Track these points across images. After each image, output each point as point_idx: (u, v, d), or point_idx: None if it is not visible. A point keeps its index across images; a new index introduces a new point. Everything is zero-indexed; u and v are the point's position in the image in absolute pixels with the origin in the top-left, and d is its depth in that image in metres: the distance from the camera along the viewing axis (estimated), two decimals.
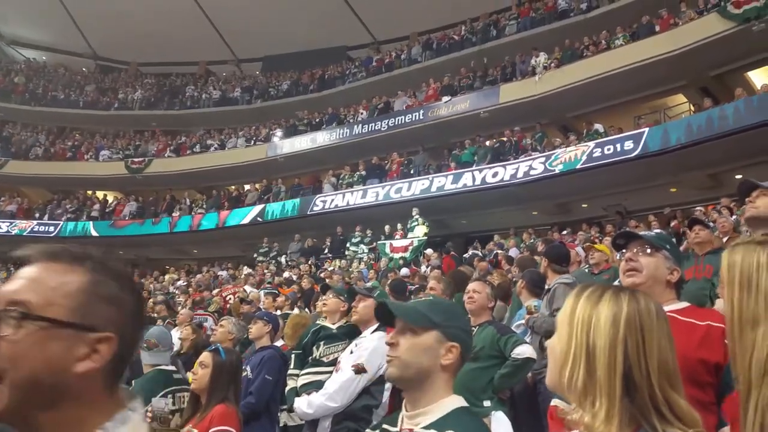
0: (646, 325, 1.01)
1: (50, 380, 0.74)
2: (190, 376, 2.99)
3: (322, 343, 3.79)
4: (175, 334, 5.37)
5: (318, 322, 4.21)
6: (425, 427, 1.35)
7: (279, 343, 4.63)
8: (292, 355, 4.07)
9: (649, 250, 1.93)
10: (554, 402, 2.34)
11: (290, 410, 3.72)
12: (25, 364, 0.73)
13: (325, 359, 3.68)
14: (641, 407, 0.96)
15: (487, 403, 3.18)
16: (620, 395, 0.96)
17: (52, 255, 0.80)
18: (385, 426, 1.48)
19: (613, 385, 0.97)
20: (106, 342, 0.78)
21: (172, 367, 3.36)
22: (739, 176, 12.57)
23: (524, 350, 3.21)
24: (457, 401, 1.41)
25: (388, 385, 3.12)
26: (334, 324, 3.90)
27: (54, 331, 0.74)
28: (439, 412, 1.36)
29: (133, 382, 3.23)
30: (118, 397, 0.82)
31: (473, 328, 3.47)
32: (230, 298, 9.93)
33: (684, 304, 1.89)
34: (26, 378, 0.73)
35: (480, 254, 10.45)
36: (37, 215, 21.30)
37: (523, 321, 4.25)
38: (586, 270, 5.66)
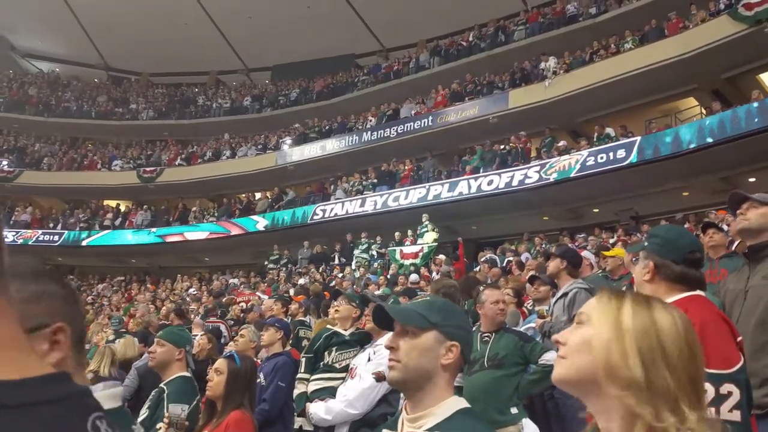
0: (694, 338, 1.04)
1: None
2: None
3: (334, 348, 3.79)
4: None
5: (329, 327, 4.21)
6: (428, 430, 1.33)
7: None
8: (303, 359, 4.07)
9: (635, 259, 1.96)
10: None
11: (300, 415, 3.72)
12: None
13: (337, 365, 3.68)
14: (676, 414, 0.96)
15: (514, 410, 3.20)
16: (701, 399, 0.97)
17: None
18: (385, 430, 1.45)
19: (700, 391, 0.98)
20: (61, 332, 0.87)
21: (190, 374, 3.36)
22: (752, 179, 12.48)
23: (552, 356, 3.22)
24: (460, 403, 1.39)
25: None
26: (346, 330, 3.90)
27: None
28: (442, 414, 1.35)
29: (164, 387, 3.18)
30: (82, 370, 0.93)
31: (488, 335, 3.47)
32: (243, 306, 9.96)
33: (672, 299, 1.81)
34: None
35: (496, 260, 10.38)
36: (51, 225, 21.52)
37: (533, 324, 4.23)
38: (600, 275, 5.62)
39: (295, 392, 3.85)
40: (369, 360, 3.24)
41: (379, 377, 3.05)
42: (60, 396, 0.53)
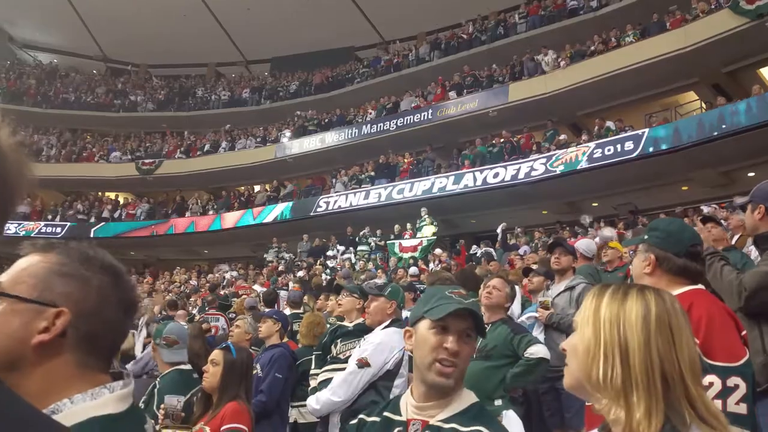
0: (674, 322, 1.02)
1: (9, 348, 0.81)
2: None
3: (339, 340, 3.79)
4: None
5: (337, 322, 4.21)
6: (443, 420, 1.33)
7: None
8: (313, 356, 4.07)
9: (633, 252, 1.95)
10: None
11: None
12: None
13: (342, 356, 3.68)
14: (675, 403, 0.96)
15: (498, 402, 3.16)
16: (662, 392, 0.97)
17: (34, 247, 0.92)
18: (387, 414, 1.44)
19: (654, 382, 0.97)
20: (61, 316, 0.84)
21: (189, 366, 3.36)
22: (751, 174, 12.47)
23: (538, 350, 3.18)
24: (473, 396, 1.40)
25: (398, 382, 3.10)
26: (351, 322, 3.89)
27: (18, 305, 0.84)
28: (457, 405, 1.35)
29: (158, 381, 3.22)
30: (94, 375, 0.86)
31: (486, 326, 3.45)
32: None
33: (676, 292, 1.80)
34: None
35: (492, 253, 10.42)
36: (49, 217, 21.50)
37: (535, 313, 4.23)
38: (598, 268, 5.62)
39: (309, 389, 3.86)
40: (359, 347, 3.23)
41: (361, 363, 3.03)
42: None
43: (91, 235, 19.54)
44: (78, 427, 0.79)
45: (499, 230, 12.23)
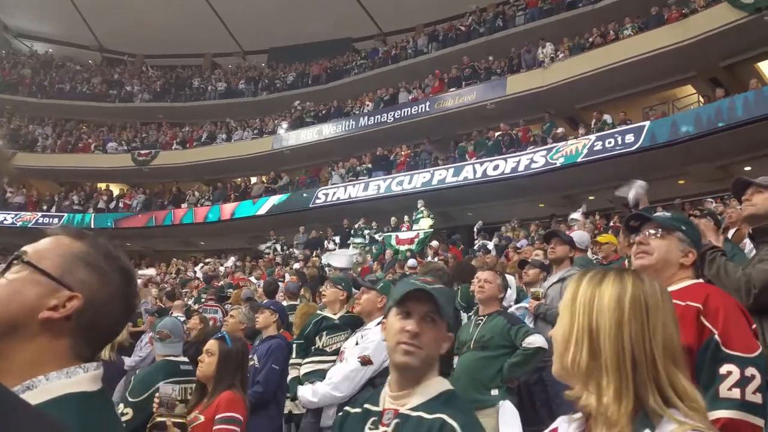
0: (651, 304, 1.01)
1: (17, 313, 0.85)
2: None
3: (324, 333, 3.80)
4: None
5: (319, 312, 4.22)
6: (412, 409, 1.34)
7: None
8: (294, 345, 4.08)
9: (660, 233, 1.90)
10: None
11: (293, 399, 3.76)
12: (4, 295, 0.87)
13: (328, 349, 3.70)
14: (641, 386, 0.96)
15: (494, 392, 3.19)
16: (630, 374, 0.96)
17: (64, 230, 0.98)
18: (366, 406, 1.46)
19: (624, 364, 0.96)
20: (74, 300, 0.88)
21: (182, 358, 3.39)
22: (748, 168, 12.48)
23: (535, 340, 3.22)
24: (444, 384, 1.40)
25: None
26: (335, 314, 3.90)
27: (38, 277, 0.88)
28: (427, 393, 1.36)
29: (137, 372, 3.29)
30: (80, 360, 0.90)
31: (482, 318, 3.47)
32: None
33: (687, 283, 1.85)
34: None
35: (489, 247, 10.44)
36: (45, 207, 21.43)
37: (527, 304, 4.26)
38: (594, 260, 5.63)
39: (289, 377, 3.88)
40: (357, 344, 3.24)
41: (365, 361, 3.06)
42: None
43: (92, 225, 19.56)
44: (53, 402, 0.82)
45: (475, 228, 12.41)
